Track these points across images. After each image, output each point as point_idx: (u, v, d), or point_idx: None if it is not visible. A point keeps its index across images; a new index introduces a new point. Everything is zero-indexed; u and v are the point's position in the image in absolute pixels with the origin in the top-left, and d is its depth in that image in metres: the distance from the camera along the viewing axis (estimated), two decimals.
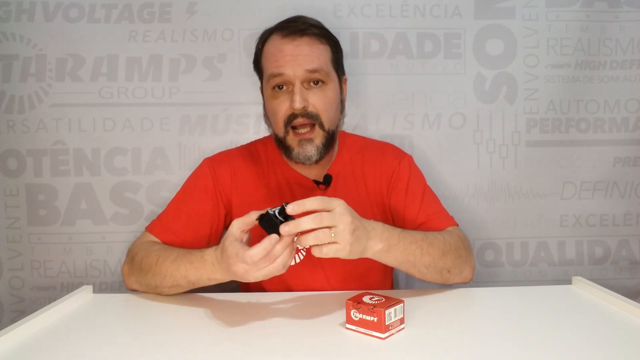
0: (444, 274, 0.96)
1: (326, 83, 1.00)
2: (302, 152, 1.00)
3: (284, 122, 0.99)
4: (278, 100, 0.99)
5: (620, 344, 0.73)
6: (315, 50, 0.99)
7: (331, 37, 1.04)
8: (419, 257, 0.91)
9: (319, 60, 0.99)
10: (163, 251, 0.94)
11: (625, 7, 1.31)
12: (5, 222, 1.28)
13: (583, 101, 1.34)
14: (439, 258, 0.93)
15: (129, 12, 1.25)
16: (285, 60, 0.97)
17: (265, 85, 1.02)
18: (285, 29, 1.00)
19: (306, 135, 0.99)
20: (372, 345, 0.73)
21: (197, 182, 1.07)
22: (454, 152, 1.33)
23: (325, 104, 1.00)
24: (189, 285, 0.90)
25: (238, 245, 0.77)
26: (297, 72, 0.97)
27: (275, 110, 1.00)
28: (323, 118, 0.99)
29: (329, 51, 1.03)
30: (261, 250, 0.74)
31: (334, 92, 1.02)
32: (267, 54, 1.02)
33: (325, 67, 1.00)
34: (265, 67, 1.02)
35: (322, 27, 1.04)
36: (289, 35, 0.99)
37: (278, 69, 0.98)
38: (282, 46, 0.99)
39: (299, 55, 0.98)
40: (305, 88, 0.98)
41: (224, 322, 0.82)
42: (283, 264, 0.76)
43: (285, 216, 0.76)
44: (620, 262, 1.39)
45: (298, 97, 0.96)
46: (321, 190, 1.06)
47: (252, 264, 0.75)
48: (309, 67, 0.97)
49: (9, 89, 1.25)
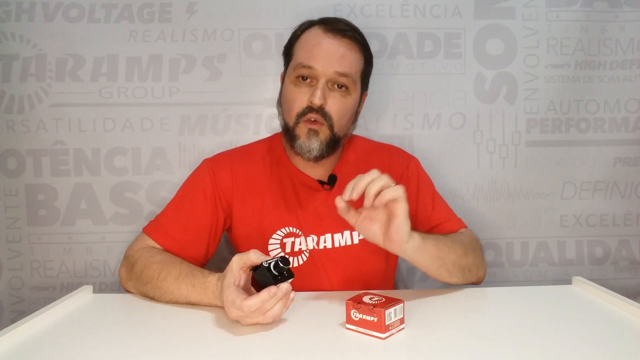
0: (466, 273, 0.96)
1: (349, 91, 1.00)
2: (306, 143, 0.99)
3: (297, 113, 0.99)
4: (298, 90, 0.99)
5: (620, 344, 0.73)
6: (350, 55, 0.99)
7: (368, 49, 1.04)
8: (447, 255, 0.91)
9: (351, 66, 0.99)
10: (165, 266, 0.93)
11: (625, 7, 1.31)
12: (5, 222, 1.28)
13: (583, 101, 1.34)
14: (462, 256, 0.95)
15: (128, 12, 1.25)
16: (318, 53, 0.97)
17: (290, 71, 1.01)
18: (329, 24, 1.00)
19: (315, 125, 0.98)
20: (372, 345, 0.73)
21: (196, 185, 1.05)
22: (454, 152, 1.33)
23: (342, 110, 0.99)
24: (189, 304, 0.90)
25: (234, 292, 0.78)
26: (326, 70, 0.97)
27: (293, 99, 0.99)
28: (335, 122, 0.99)
29: (362, 62, 1.02)
30: (258, 302, 0.76)
31: (352, 102, 1.02)
32: (303, 42, 1.01)
33: (354, 75, 1.00)
34: (297, 54, 1.01)
35: (362, 36, 1.03)
36: (331, 31, 0.99)
37: (309, 61, 0.97)
38: (321, 39, 0.98)
39: (334, 53, 0.97)
40: (328, 88, 0.98)
41: (224, 322, 0.82)
42: (273, 317, 0.78)
43: (281, 269, 0.78)
44: (620, 262, 1.39)
45: (320, 93, 0.96)
46: (326, 190, 1.06)
47: (247, 313, 0.77)
48: (340, 69, 0.97)
49: (9, 89, 1.25)
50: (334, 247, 1.04)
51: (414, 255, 0.87)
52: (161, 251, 1.00)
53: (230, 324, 0.81)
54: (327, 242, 1.04)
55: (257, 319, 0.78)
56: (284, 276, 0.79)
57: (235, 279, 0.81)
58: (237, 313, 0.78)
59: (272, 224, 1.04)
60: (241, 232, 1.05)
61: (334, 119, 0.99)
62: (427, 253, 0.88)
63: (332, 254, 1.04)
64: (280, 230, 1.04)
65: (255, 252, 0.81)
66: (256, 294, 0.78)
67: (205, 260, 1.06)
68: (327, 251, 1.04)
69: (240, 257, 0.81)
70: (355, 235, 1.05)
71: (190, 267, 0.93)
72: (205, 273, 0.89)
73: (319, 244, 1.04)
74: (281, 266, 0.79)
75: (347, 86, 0.99)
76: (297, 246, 1.03)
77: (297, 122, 0.99)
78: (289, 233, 1.04)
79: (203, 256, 1.04)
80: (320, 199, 1.05)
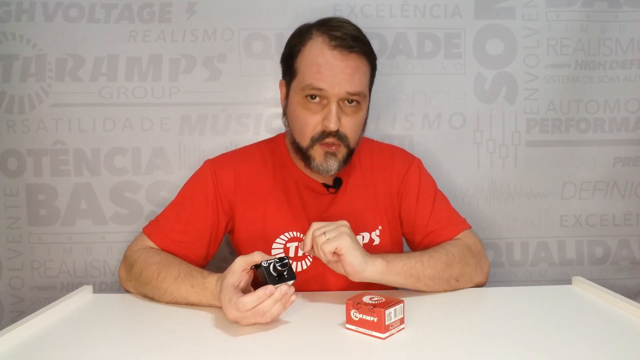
0: (452, 283, 0.97)
1: (361, 105, 0.97)
2: (325, 165, 0.98)
3: (312, 137, 0.96)
4: (309, 112, 0.96)
5: (620, 344, 0.73)
6: (360, 71, 0.95)
7: (373, 54, 1.00)
8: (422, 271, 0.93)
9: (361, 83, 0.96)
10: (164, 267, 0.93)
11: (625, 7, 1.31)
12: (5, 222, 1.28)
13: (583, 101, 1.34)
14: (443, 269, 0.95)
15: (128, 12, 1.25)
16: (327, 74, 0.93)
17: (297, 89, 0.97)
18: (334, 39, 0.93)
19: (332, 149, 0.97)
20: (372, 345, 0.73)
21: (198, 187, 1.04)
22: (454, 152, 1.33)
23: (356, 125, 0.98)
24: (188, 305, 0.90)
25: (232, 291, 0.79)
26: (338, 91, 0.93)
27: (305, 121, 0.96)
28: (350, 139, 0.98)
29: (369, 72, 0.99)
30: (254, 300, 0.77)
31: (364, 113, 1.00)
32: (307, 58, 0.95)
33: (364, 90, 0.97)
34: (303, 72, 0.95)
35: (367, 42, 0.98)
36: (338, 47, 0.93)
37: (319, 82, 0.93)
38: (327, 57, 0.93)
39: (344, 72, 0.93)
40: (339, 106, 0.95)
41: (224, 322, 0.82)
42: (271, 317, 0.79)
43: (281, 269, 0.79)
44: (620, 262, 1.38)
45: (334, 119, 0.93)
46: (331, 194, 1.05)
47: (244, 312, 0.77)
48: (351, 89, 0.94)
49: (9, 89, 1.25)
50: None
51: (379, 278, 0.91)
52: (160, 252, 1.00)
53: (229, 324, 0.81)
54: None
55: (254, 319, 0.78)
56: (283, 277, 0.79)
57: (236, 280, 0.81)
58: (235, 313, 0.78)
59: (276, 228, 1.03)
60: (244, 236, 1.04)
61: (350, 137, 0.97)
62: (395, 274, 0.92)
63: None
64: (284, 235, 1.03)
65: (260, 254, 0.82)
66: (252, 292, 0.77)
67: (205, 262, 1.05)
68: None
69: (245, 259, 0.81)
70: (359, 239, 1.03)
71: (189, 267, 0.93)
72: (205, 274, 0.89)
73: None
74: (278, 268, 0.79)
75: (358, 101, 0.96)
76: (300, 251, 1.03)
77: (312, 145, 0.97)
78: (293, 237, 1.03)
79: (203, 258, 1.04)
80: (325, 203, 1.05)
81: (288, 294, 0.78)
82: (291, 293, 0.79)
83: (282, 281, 0.79)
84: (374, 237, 1.06)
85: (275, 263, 0.79)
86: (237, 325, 0.80)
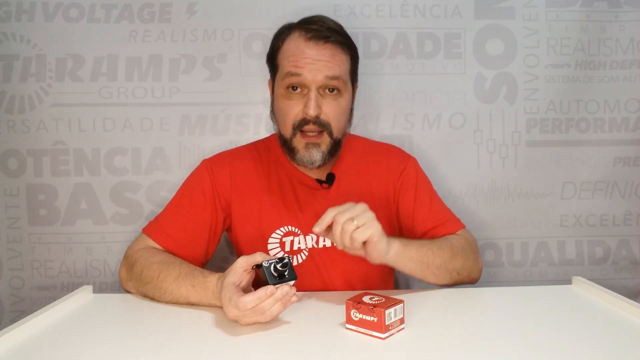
0: (454, 276, 0.99)
1: (341, 93, 0.99)
2: (307, 156, 0.99)
3: (292, 125, 0.98)
4: (291, 102, 0.98)
5: (620, 344, 0.73)
6: (337, 58, 0.97)
7: (352, 46, 1.03)
8: (432, 259, 0.95)
9: (340, 68, 0.98)
10: (165, 266, 0.93)
11: (625, 7, 1.31)
12: (6, 222, 1.28)
13: (583, 101, 1.34)
14: (448, 260, 0.97)
15: (128, 12, 1.25)
16: (305, 62, 0.95)
17: (279, 82, 1.00)
18: (310, 31, 0.97)
19: (313, 139, 0.98)
20: (372, 345, 0.73)
21: (195, 185, 1.06)
22: (454, 152, 1.33)
23: (338, 114, 0.99)
24: (189, 304, 0.90)
25: (233, 290, 0.79)
26: (316, 77, 0.95)
27: (286, 111, 0.98)
28: (333, 127, 0.99)
29: (348, 61, 1.01)
30: (255, 299, 0.77)
31: (347, 102, 1.01)
32: (286, 52, 0.99)
33: (344, 76, 0.99)
34: (283, 64, 0.99)
35: (345, 34, 1.01)
36: (313, 38, 0.96)
37: (297, 69, 0.95)
38: (305, 48, 0.96)
39: (320, 60, 0.95)
40: (320, 94, 0.97)
41: (224, 322, 0.82)
42: (271, 316, 0.79)
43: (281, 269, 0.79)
44: (620, 262, 1.39)
45: (313, 104, 0.95)
46: (324, 189, 1.06)
47: (244, 311, 0.77)
48: (329, 73, 0.96)
49: (9, 89, 1.25)
50: (333, 246, 1.04)
51: (395, 262, 0.91)
52: (161, 251, 1.00)
53: (229, 324, 0.81)
54: (326, 241, 1.04)
55: (254, 318, 0.78)
56: (284, 277, 0.79)
57: (237, 279, 0.81)
58: (235, 312, 0.78)
59: (272, 224, 1.04)
60: (241, 232, 1.06)
61: (332, 124, 0.98)
62: (408, 259, 0.93)
63: (331, 253, 1.04)
64: (279, 230, 1.04)
65: (261, 254, 0.82)
66: (253, 292, 0.78)
67: (206, 260, 1.06)
68: (326, 250, 1.04)
69: (246, 259, 0.82)
70: None
71: (190, 267, 0.93)
72: (205, 273, 0.90)
73: (318, 243, 1.04)
74: (279, 268, 0.79)
75: (338, 89, 0.98)
76: (296, 245, 1.04)
77: (294, 134, 0.99)
78: (288, 232, 1.04)
79: (203, 256, 1.04)
80: (319, 198, 1.06)
81: (289, 294, 0.79)
82: (292, 293, 0.79)
83: (282, 281, 0.79)
84: None
85: (276, 263, 0.79)
86: (237, 325, 0.80)
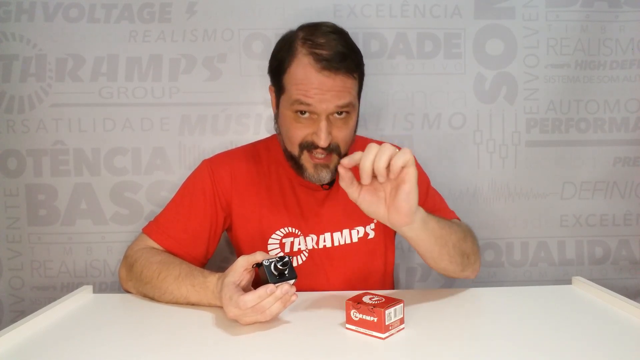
0: (464, 260, 0.94)
1: (350, 114, 0.97)
2: (316, 176, 0.97)
3: (300, 145, 0.96)
4: (300, 125, 0.95)
5: (620, 344, 0.73)
6: (347, 85, 0.94)
7: (361, 65, 0.98)
8: (449, 235, 0.89)
9: (350, 95, 0.94)
10: (165, 266, 0.93)
11: (625, 7, 1.31)
12: (5, 222, 1.28)
13: (583, 101, 1.34)
14: (462, 240, 0.93)
15: (129, 12, 1.25)
16: (315, 92, 0.91)
17: (285, 104, 0.96)
18: (320, 60, 0.91)
19: (322, 161, 0.96)
20: (372, 345, 0.73)
21: (196, 185, 1.06)
22: (454, 152, 1.33)
23: (347, 135, 0.97)
24: (188, 304, 0.90)
25: (233, 289, 0.79)
26: (327, 107, 0.92)
27: (295, 134, 0.96)
28: (342, 147, 0.97)
29: (357, 83, 0.98)
30: (255, 298, 0.77)
31: (355, 120, 0.99)
32: (294, 77, 0.93)
33: (354, 100, 0.96)
34: (290, 89, 0.94)
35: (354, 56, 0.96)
36: (324, 70, 0.91)
37: (307, 99, 0.92)
38: (315, 79, 0.91)
39: (331, 92, 0.92)
40: (330, 120, 0.94)
41: (224, 322, 0.82)
42: (271, 315, 0.79)
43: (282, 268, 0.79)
44: (620, 262, 1.39)
45: (324, 136, 0.92)
46: (324, 190, 1.06)
47: (244, 310, 0.77)
48: (340, 103, 0.92)
49: (9, 89, 1.25)
50: (333, 246, 1.05)
51: (419, 229, 0.82)
52: (161, 251, 1.00)
53: (230, 324, 0.81)
54: (326, 242, 1.04)
55: (254, 317, 0.78)
56: (284, 276, 0.79)
57: (237, 278, 0.81)
58: (235, 311, 0.78)
59: (272, 224, 1.04)
60: (241, 232, 1.06)
61: (341, 145, 0.97)
62: (431, 230, 0.84)
63: (331, 253, 1.04)
64: (279, 230, 1.04)
65: (261, 253, 0.82)
66: (253, 290, 0.78)
67: (206, 260, 1.06)
68: (326, 250, 1.04)
69: (247, 258, 0.82)
70: (354, 233, 1.05)
71: (190, 267, 0.93)
72: (205, 273, 0.90)
73: (318, 244, 1.04)
74: (279, 267, 0.79)
75: (348, 112, 0.96)
76: (296, 246, 1.04)
77: (301, 152, 0.97)
78: (288, 233, 1.04)
79: (203, 256, 1.04)
80: (319, 199, 1.06)
81: (289, 293, 0.79)
82: (292, 292, 0.79)
83: (282, 280, 0.79)
84: (369, 230, 1.07)
85: (276, 262, 0.79)
86: (237, 325, 0.80)
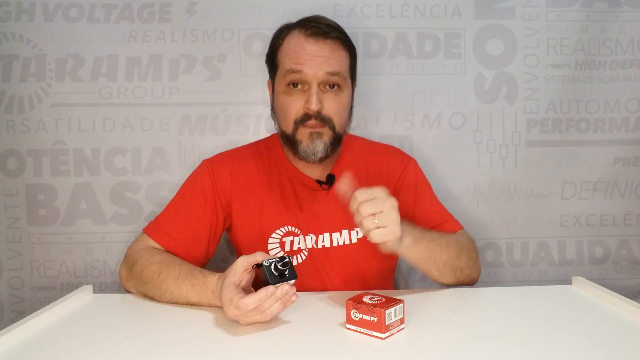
0: (457, 274, 0.99)
1: (342, 88, 1.00)
2: (311, 146, 0.99)
3: (294, 120, 0.98)
4: (292, 98, 0.98)
5: (620, 344, 0.73)
6: (336, 54, 0.98)
7: (350, 43, 1.04)
8: (439, 254, 0.95)
9: (340, 64, 0.98)
10: (165, 266, 0.93)
11: (625, 7, 1.31)
12: (5, 222, 1.28)
13: (583, 101, 1.34)
14: (455, 257, 0.98)
15: (129, 12, 1.25)
16: (305, 58, 0.96)
17: (279, 80, 1.00)
18: (309, 28, 0.98)
19: (317, 129, 0.98)
20: (372, 345, 0.73)
21: (196, 185, 1.06)
22: (454, 152, 1.33)
23: (339, 109, 1.00)
24: (189, 304, 0.90)
25: (233, 290, 0.79)
26: (317, 73, 0.96)
27: (288, 107, 0.99)
28: (335, 122, 0.99)
29: (348, 58, 1.02)
30: (256, 300, 0.77)
31: (347, 99, 1.02)
32: (286, 49, 1.00)
33: (344, 72, 1.00)
34: (283, 62, 1.00)
35: (344, 32, 1.02)
36: (313, 35, 0.97)
37: (298, 66, 0.96)
38: (305, 44, 0.97)
39: (320, 56, 0.96)
40: (321, 90, 0.98)
41: (224, 322, 0.82)
42: (271, 315, 0.79)
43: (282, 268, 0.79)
44: (620, 262, 1.39)
45: (315, 99, 0.96)
46: (324, 190, 1.06)
47: (244, 312, 0.77)
48: (329, 69, 0.96)
49: (9, 89, 1.25)
50: (332, 246, 1.05)
51: (404, 253, 0.92)
52: (161, 251, 1.00)
53: (229, 324, 0.81)
54: (325, 242, 1.04)
55: (254, 317, 0.79)
56: (284, 276, 0.79)
57: (237, 279, 0.81)
58: (235, 312, 0.78)
59: (271, 224, 1.04)
60: (241, 232, 1.06)
61: (334, 119, 0.99)
62: (417, 252, 0.93)
63: (330, 253, 1.04)
64: (279, 230, 1.04)
65: (262, 253, 0.82)
66: (254, 292, 0.78)
67: (206, 260, 1.06)
68: (325, 250, 1.04)
69: (246, 258, 0.82)
70: (353, 234, 1.05)
71: (190, 267, 0.93)
72: (206, 273, 0.90)
73: (317, 243, 1.04)
74: (279, 267, 0.79)
75: (338, 84, 0.99)
76: (295, 245, 1.04)
77: (296, 127, 0.99)
78: (288, 232, 1.04)
79: (203, 256, 1.04)
80: (319, 199, 1.06)
81: (289, 293, 0.79)
82: (292, 293, 0.79)
83: (283, 280, 0.79)
84: None
85: (276, 262, 0.79)
86: (237, 325, 0.80)
